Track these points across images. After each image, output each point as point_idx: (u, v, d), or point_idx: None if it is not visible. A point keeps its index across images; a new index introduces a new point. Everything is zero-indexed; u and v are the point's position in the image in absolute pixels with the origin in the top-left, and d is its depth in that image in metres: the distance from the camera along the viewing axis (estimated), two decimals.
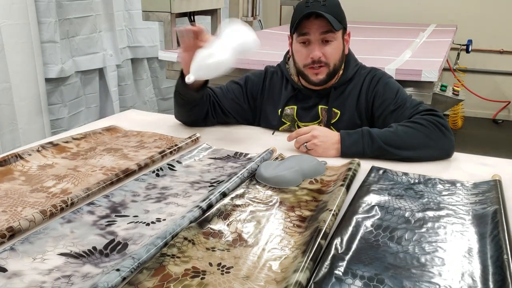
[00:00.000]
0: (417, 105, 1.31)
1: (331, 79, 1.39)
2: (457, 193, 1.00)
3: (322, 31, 1.31)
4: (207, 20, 3.14)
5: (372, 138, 1.20)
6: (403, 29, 3.64)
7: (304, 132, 1.24)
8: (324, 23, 1.30)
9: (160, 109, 3.53)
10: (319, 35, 1.32)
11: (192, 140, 1.31)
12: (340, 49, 1.37)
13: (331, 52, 1.34)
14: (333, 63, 1.36)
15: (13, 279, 0.68)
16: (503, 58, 4.50)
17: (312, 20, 1.31)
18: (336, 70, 1.38)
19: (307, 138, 1.22)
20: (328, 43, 1.34)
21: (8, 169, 1.08)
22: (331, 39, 1.33)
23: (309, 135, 1.22)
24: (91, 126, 1.45)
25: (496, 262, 0.71)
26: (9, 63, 2.25)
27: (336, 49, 1.35)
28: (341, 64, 1.40)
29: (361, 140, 1.20)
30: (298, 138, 1.24)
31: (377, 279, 0.68)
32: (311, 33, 1.32)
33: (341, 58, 1.39)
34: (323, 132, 1.23)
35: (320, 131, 1.23)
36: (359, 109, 1.40)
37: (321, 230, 0.78)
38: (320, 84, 1.39)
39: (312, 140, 1.22)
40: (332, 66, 1.36)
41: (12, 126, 2.32)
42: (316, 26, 1.31)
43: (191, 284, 0.67)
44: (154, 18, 2.49)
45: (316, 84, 1.39)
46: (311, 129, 1.24)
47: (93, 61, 2.87)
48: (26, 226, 0.81)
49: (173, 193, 1.00)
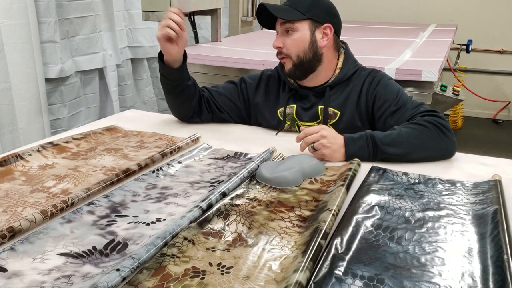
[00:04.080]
0: (417, 106, 1.31)
1: (303, 72, 1.39)
2: (457, 193, 1.00)
3: (282, 21, 1.37)
4: (207, 20, 3.15)
5: (377, 146, 1.19)
6: (403, 29, 3.64)
7: (312, 131, 1.20)
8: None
9: (160, 109, 3.53)
10: (280, 26, 1.38)
11: (192, 140, 1.31)
12: (304, 41, 1.36)
13: (290, 42, 1.36)
14: (296, 55, 1.37)
15: (13, 279, 0.68)
16: (503, 58, 4.50)
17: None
18: (304, 62, 1.37)
19: (315, 138, 1.19)
20: (288, 34, 1.36)
21: (8, 169, 1.08)
22: (290, 29, 1.36)
23: (318, 135, 1.19)
24: (91, 126, 1.45)
25: (496, 262, 0.71)
26: (9, 63, 2.25)
27: (296, 40, 1.36)
28: (310, 56, 1.37)
29: (365, 147, 1.19)
30: (306, 138, 1.20)
31: (377, 279, 0.68)
32: (277, 25, 1.39)
33: (309, 50, 1.37)
34: (331, 133, 1.20)
35: (329, 131, 1.20)
36: (359, 110, 1.40)
37: (321, 230, 0.78)
38: (290, 76, 1.42)
39: (321, 140, 1.18)
40: (296, 58, 1.37)
41: (12, 126, 2.32)
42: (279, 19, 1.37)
43: (191, 284, 0.67)
44: (154, 18, 2.49)
45: (288, 76, 1.43)
46: (320, 129, 1.20)
47: (93, 61, 2.87)
48: (27, 226, 0.81)
49: (173, 193, 1.00)
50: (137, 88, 3.31)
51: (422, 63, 2.12)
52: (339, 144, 1.20)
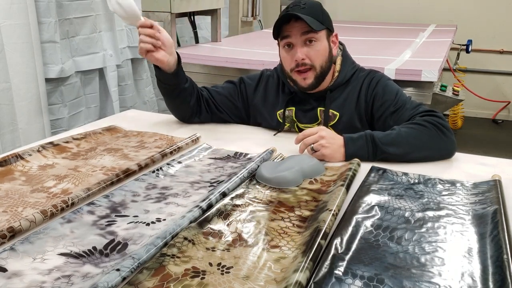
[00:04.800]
0: (417, 106, 1.31)
1: (319, 82, 1.37)
2: (457, 193, 1.00)
3: (302, 31, 1.31)
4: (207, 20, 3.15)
5: (376, 145, 1.19)
6: (403, 29, 3.64)
7: (310, 133, 1.20)
8: (304, 25, 1.29)
9: (160, 109, 3.53)
10: (300, 36, 1.31)
11: (192, 140, 1.31)
12: (326, 51, 1.35)
13: (315, 53, 1.33)
14: (319, 65, 1.34)
15: (13, 279, 0.68)
16: (503, 58, 4.50)
17: (292, 23, 1.31)
18: (324, 72, 1.36)
19: (314, 139, 1.19)
20: (311, 44, 1.32)
21: (8, 169, 1.08)
22: (313, 39, 1.32)
23: (317, 136, 1.19)
24: (91, 126, 1.45)
25: (496, 262, 0.71)
26: (9, 63, 2.25)
27: (320, 50, 1.33)
28: (328, 66, 1.37)
29: (365, 147, 1.19)
30: (305, 140, 1.20)
31: (377, 279, 0.68)
32: (292, 36, 1.32)
33: (328, 60, 1.37)
34: (330, 134, 1.21)
35: (327, 132, 1.21)
36: (358, 111, 1.40)
37: (321, 230, 0.78)
38: (309, 89, 1.37)
39: (320, 141, 1.18)
40: (319, 69, 1.34)
41: (12, 126, 2.32)
42: (297, 29, 1.31)
43: (191, 284, 0.67)
44: (154, 18, 2.49)
45: (305, 89, 1.38)
46: (318, 130, 1.20)
47: (93, 61, 2.87)
48: (27, 226, 0.81)
49: (173, 193, 1.00)
50: (137, 88, 3.31)
51: (422, 63, 2.13)
52: (338, 144, 1.20)
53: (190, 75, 1.47)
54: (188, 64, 2.39)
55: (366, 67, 1.48)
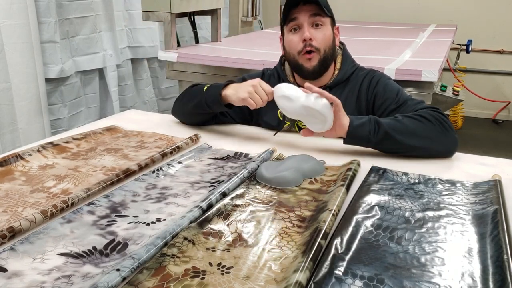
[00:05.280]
0: (418, 103, 1.32)
1: (322, 69, 1.38)
2: (457, 193, 1.00)
3: (311, 13, 1.33)
4: (207, 20, 3.15)
5: (379, 124, 1.20)
6: (403, 29, 3.64)
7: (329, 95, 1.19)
8: (312, 7, 1.32)
9: (160, 109, 3.53)
10: (308, 17, 1.34)
11: (192, 140, 1.31)
12: (330, 37, 1.37)
13: (322, 36, 1.35)
14: (324, 49, 1.35)
15: (13, 279, 0.68)
16: (503, 58, 4.50)
17: (301, 7, 1.34)
18: (327, 58, 1.37)
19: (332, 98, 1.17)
20: (318, 28, 1.35)
21: (8, 169, 1.08)
22: (320, 23, 1.34)
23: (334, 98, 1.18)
24: (91, 126, 1.45)
25: (496, 262, 0.71)
26: (9, 63, 2.25)
27: (326, 35, 1.36)
28: (332, 54, 1.39)
29: (367, 124, 1.20)
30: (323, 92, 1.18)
31: (377, 279, 0.68)
32: (300, 17, 1.34)
33: (332, 48, 1.38)
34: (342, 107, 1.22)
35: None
36: (358, 109, 1.40)
37: (321, 230, 0.78)
38: (314, 72, 1.37)
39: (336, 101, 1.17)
40: (323, 53, 1.36)
41: (12, 126, 2.32)
42: (305, 11, 1.34)
43: (191, 284, 0.67)
44: (154, 18, 2.49)
45: (310, 73, 1.38)
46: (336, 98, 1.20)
47: (93, 61, 2.87)
48: (27, 226, 0.81)
49: (173, 193, 1.00)
50: (137, 88, 3.31)
51: (422, 63, 2.13)
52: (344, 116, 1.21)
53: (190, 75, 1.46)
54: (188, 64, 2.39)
55: (366, 67, 1.48)
